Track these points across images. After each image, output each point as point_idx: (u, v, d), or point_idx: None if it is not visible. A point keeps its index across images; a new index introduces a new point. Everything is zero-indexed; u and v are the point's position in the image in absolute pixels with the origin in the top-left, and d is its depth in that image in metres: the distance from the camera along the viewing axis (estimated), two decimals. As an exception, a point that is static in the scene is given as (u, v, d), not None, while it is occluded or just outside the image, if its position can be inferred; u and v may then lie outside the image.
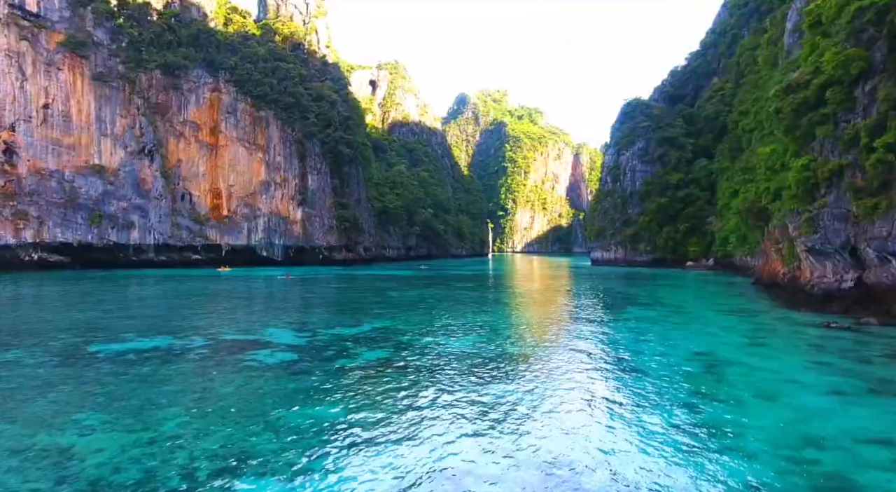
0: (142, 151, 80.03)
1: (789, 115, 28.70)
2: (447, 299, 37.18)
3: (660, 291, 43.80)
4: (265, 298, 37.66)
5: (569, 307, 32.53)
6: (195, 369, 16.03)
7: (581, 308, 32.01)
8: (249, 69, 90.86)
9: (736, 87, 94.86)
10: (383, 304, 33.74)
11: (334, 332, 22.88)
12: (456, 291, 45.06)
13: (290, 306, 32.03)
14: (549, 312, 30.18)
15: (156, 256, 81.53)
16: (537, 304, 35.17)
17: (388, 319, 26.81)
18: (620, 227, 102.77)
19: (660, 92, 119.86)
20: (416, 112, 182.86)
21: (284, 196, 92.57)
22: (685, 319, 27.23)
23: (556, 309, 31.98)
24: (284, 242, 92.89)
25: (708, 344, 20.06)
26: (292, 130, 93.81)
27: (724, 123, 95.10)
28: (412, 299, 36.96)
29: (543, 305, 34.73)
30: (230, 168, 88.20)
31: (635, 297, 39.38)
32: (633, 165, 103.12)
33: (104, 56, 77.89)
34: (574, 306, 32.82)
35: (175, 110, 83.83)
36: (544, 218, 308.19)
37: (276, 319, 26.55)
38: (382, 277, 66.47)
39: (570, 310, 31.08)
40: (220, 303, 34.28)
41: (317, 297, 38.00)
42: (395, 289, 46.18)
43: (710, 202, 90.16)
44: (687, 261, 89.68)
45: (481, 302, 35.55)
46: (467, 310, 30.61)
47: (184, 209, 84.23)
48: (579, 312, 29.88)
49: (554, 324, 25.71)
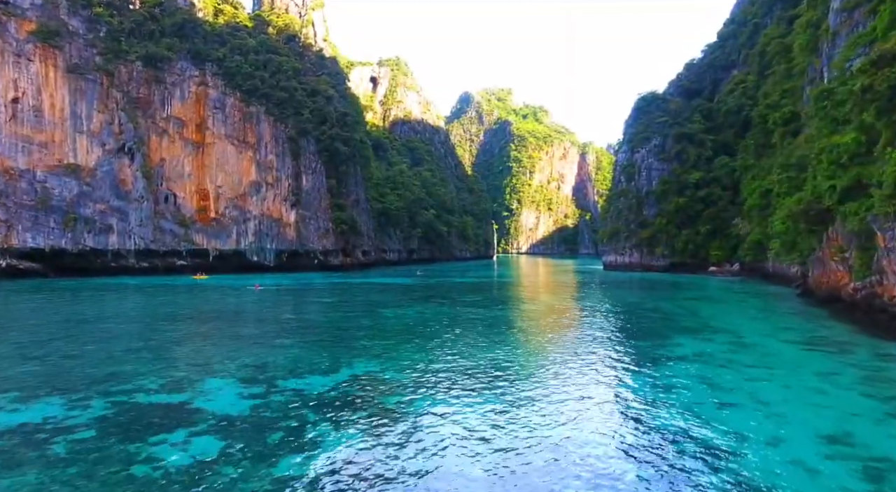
0: (121, 149, 74.12)
1: (885, 92, 22.41)
2: (449, 322, 31.04)
3: (698, 308, 37.52)
4: (228, 321, 31.52)
5: (600, 337, 26.33)
6: (44, 479, 9.92)
7: (616, 340, 25.84)
8: (239, 62, 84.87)
9: (759, 78, 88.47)
10: (372, 330, 27.62)
11: (297, 385, 16.75)
12: (459, 307, 38.90)
13: (254, 335, 25.91)
14: (576, 347, 23.94)
15: (137, 263, 75.60)
16: (557, 330, 28.94)
17: (375, 358, 20.69)
18: (635, 229, 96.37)
19: (675, 86, 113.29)
20: (418, 110, 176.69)
21: (276, 197, 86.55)
22: (757, 358, 20.99)
23: (583, 340, 25.76)
24: (277, 246, 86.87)
25: (830, 417, 13.82)
26: (285, 127, 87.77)
27: (746, 117, 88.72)
28: (408, 322, 30.82)
29: (565, 331, 28.50)
30: (218, 167, 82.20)
31: (674, 317, 33.12)
32: (649, 163, 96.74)
33: (80, 46, 72.02)
34: (606, 337, 26.60)
35: (157, 105, 77.85)
36: (550, 219, 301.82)
37: (227, 358, 20.44)
38: (378, 286, 60.37)
39: (604, 343, 24.87)
40: (170, 328, 28.22)
41: (293, 319, 31.86)
42: (389, 304, 40.07)
43: (734, 202, 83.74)
44: (708, 266, 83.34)
45: (488, 327, 29.38)
46: (472, 341, 24.47)
47: (167, 212, 78.29)
48: (618, 348, 23.69)
49: (589, 370, 19.48)
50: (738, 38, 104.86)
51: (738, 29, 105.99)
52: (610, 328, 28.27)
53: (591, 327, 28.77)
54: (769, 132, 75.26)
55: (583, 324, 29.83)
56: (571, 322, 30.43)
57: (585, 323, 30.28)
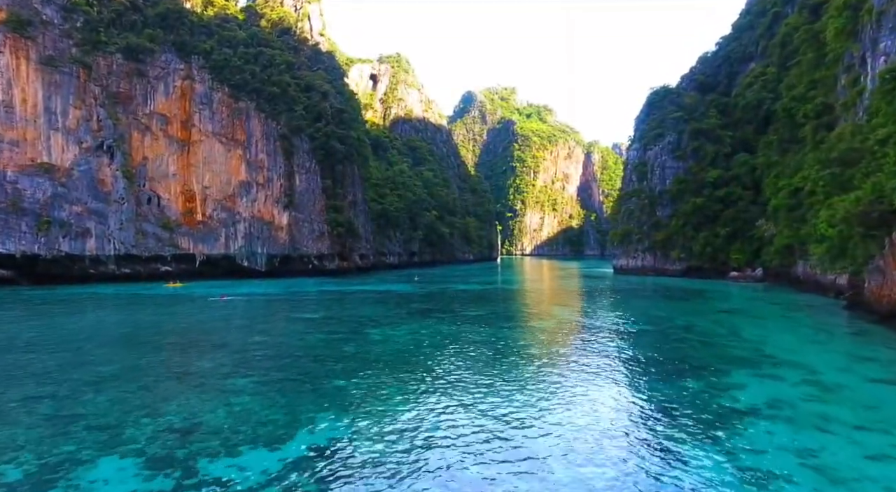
0: (100, 147, 69.26)
1: None
2: (447, 348, 25.92)
3: (739, 325, 32.24)
4: (177, 349, 26.26)
5: (637, 375, 21.20)
6: None
7: (658, 379, 20.68)
8: (228, 55, 79.96)
9: (780, 70, 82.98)
10: (353, 362, 22.50)
11: (225, 472, 11.64)
12: (459, 324, 33.78)
13: (199, 373, 20.72)
14: (608, 393, 18.79)
15: (117, 269, 70.71)
16: (577, 362, 23.73)
17: (347, 414, 15.59)
18: (648, 231, 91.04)
19: (688, 80, 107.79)
20: (419, 108, 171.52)
21: (268, 198, 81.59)
22: (858, 412, 15.81)
23: (615, 380, 20.58)
24: (268, 250, 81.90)
25: None
26: (277, 124, 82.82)
27: (767, 111, 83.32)
28: (398, 348, 25.69)
29: (589, 365, 23.29)
30: (205, 167, 77.29)
31: (715, 339, 27.89)
32: (663, 161, 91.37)
33: (54, 37, 67.17)
34: (644, 375, 21.44)
35: (139, 101, 72.97)
36: (554, 219, 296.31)
37: (146, 416, 15.31)
38: (373, 295, 55.25)
39: (645, 386, 19.74)
40: (98, 359, 23.12)
41: (259, 345, 26.60)
42: (381, 321, 34.96)
43: (755, 202, 78.33)
44: (728, 270, 77.89)
45: (494, 358, 24.23)
46: (474, 381, 19.36)
47: (150, 214, 73.40)
48: (665, 393, 18.52)
49: (635, 439, 14.32)
50: (755, 28, 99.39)
51: (755, 19, 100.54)
52: (645, 361, 23.07)
53: (620, 359, 23.59)
54: (795, 126, 70.05)
55: (609, 354, 24.64)
56: (594, 350, 25.24)
57: (612, 352, 25.10)
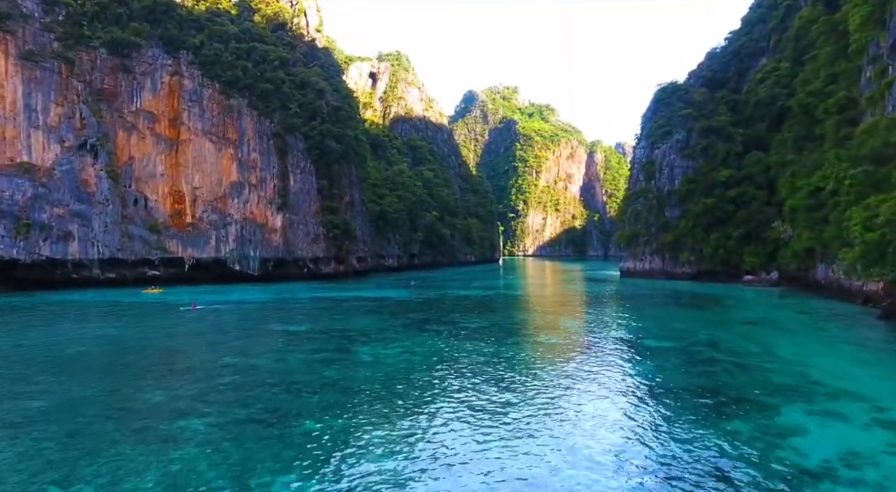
0: (83, 146, 66.12)
1: None
2: (445, 371, 22.63)
3: (770, 340, 28.83)
4: (131, 373, 22.76)
5: (667, 408, 17.91)
6: None
7: (692, 411, 17.39)
8: (218, 50, 76.75)
9: (794, 65, 79.49)
10: (333, 393, 19.18)
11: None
12: (458, 340, 30.49)
13: (149, 406, 17.47)
14: (632, 432, 15.50)
15: (102, 274, 67.59)
16: (593, 392, 20.39)
17: (316, 472, 12.27)
18: (656, 232, 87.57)
19: (696, 77, 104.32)
20: (419, 106, 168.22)
21: (261, 199, 78.35)
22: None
23: (639, 413, 17.31)
24: (261, 253, 78.65)
25: None
26: (270, 122, 79.60)
27: (781, 108, 79.77)
28: (388, 372, 22.36)
29: (606, 396, 19.99)
30: (194, 167, 74.10)
31: (748, 360, 24.51)
32: (671, 160, 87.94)
33: (35, 31, 64.09)
34: (675, 408, 18.14)
35: (125, 97, 69.84)
36: (557, 220, 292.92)
37: (66, 474, 12.09)
38: (368, 302, 51.94)
39: (679, 425, 16.43)
40: (43, 387, 19.89)
41: (229, 368, 23.15)
42: (372, 335, 31.64)
43: (769, 203, 74.89)
44: (740, 274, 74.39)
45: (497, 383, 20.95)
46: (476, 420, 16.02)
47: (137, 216, 70.23)
48: (707, 437, 15.19)
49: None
50: (766, 22, 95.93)
51: (766, 13, 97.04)
52: (677, 391, 19.70)
53: (647, 390, 20.22)
54: (812, 123, 66.77)
55: (632, 383, 21.28)
56: (613, 377, 21.87)
57: (635, 380, 21.74)
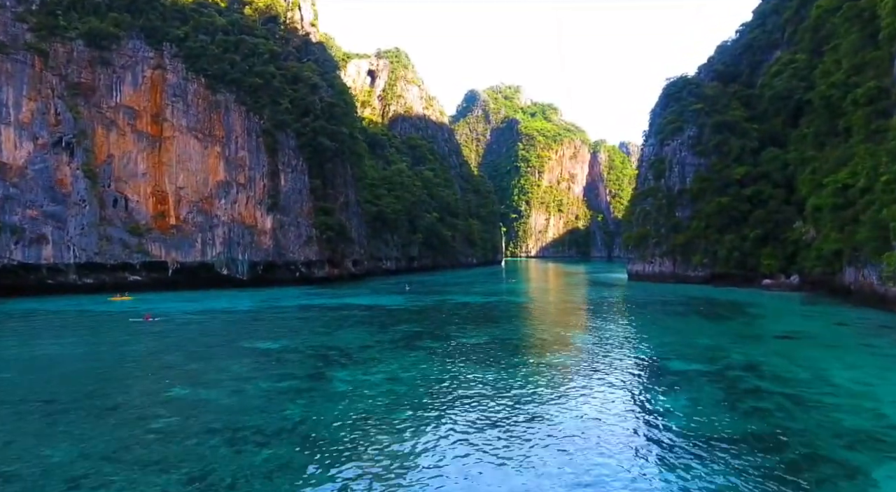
0: (58, 143, 62.21)
1: None
2: (435, 407, 18.50)
3: (817, 361, 24.59)
4: (47, 413, 18.83)
5: (720, 464, 13.73)
6: None
7: (761, 486, 13.15)
8: (204, 42, 72.76)
9: (812, 57, 75.22)
10: (287, 444, 15.03)
11: None
12: (453, 360, 26.38)
13: (36, 473, 13.43)
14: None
15: (79, 279, 63.59)
16: (617, 431, 16.30)
17: None
18: (666, 233, 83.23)
19: (707, 71, 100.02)
20: (419, 105, 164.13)
21: (249, 200, 74.32)
22: None
23: (683, 474, 13.11)
24: (250, 256, 74.58)
25: None
26: (259, 119, 75.58)
27: (799, 102, 75.49)
28: (366, 408, 18.20)
29: (632, 439, 15.91)
30: (179, 165, 70.12)
31: (799, 386, 20.28)
32: (682, 157, 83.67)
33: (6, 21, 60.21)
34: (726, 462, 13.96)
35: (104, 92, 65.90)
36: (560, 220, 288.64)
37: None
38: (358, 310, 47.77)
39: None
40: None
41: (163, 404, 18.91)
42: (353, 355, 27.47)
43: (788, 202, 70.58)
44: (757, 277, 70.05)
45: (497, 422, 16.82)
46: (469, 476, 11.85)
47: (116, 218, 66.25)
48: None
49: None
50: (780, 13, 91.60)
51: (780, 3, 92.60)
52: (717, 437, 15.51)
53: (685, 436, 16.02)
54: (834, 116, 62.64)
55: (665, 425, 17.11)
56: (641, 418, 17.70)
57: (668, 420, 17.55)
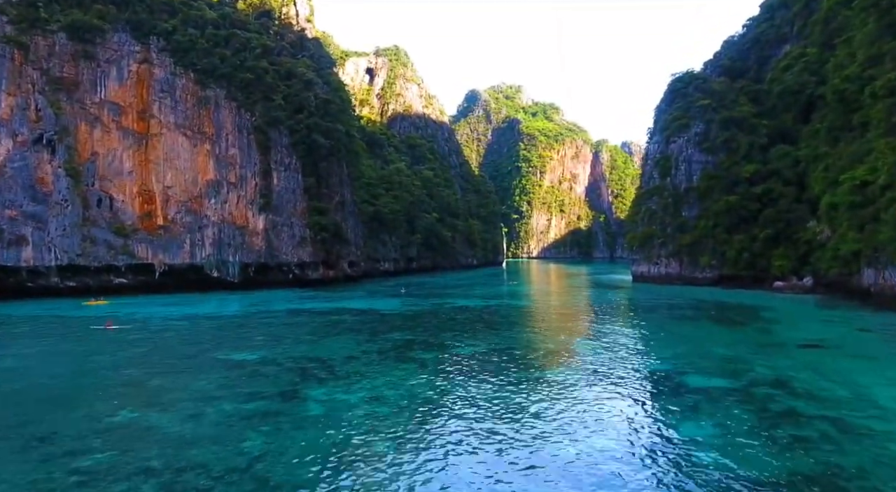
0: (38, 140, 59.70)
1: None
2: (421, 430, 15.76)
3: (857, 379, 21.76)
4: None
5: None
6: None
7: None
8: (193, 36, 70.22)
9: (824, 50, 72.45)
10: (237, 489, 12.34)
11: None
12: (446, 373, 23.73)
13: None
14: None
15: (61, 282, 61.06)
16: (638, 458, 13.58)
17: None
18: (672, 233, 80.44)
19: (713, 66, 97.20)
20: (419, 103, 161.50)
21: (240, 199, 71.72)
22: None
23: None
24: (241, 258, 71.96)
25: None
26: (251, 116, 73.02)
27: (810, 97, 72.78)
28: (338, 440, 15.49)
29: (660, 465, 13.15)
30: (166, 164, 67.57)
31: (841, 408, 17.52)
32: (689, 155, 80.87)
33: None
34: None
35: (87, 87, 63.40)
36: (562, 221, 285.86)
37: None
38: (349, 315, 45.03)
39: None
40: None
41: (108, 429, 16.26)
42: (335, 367, 24.75)
43: (800, 200, 67.80)
44: (768, 279, 67.18)
45: (492, 456, 14.10)
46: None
47: (101, 218, 63.70)
48: None
49: None
50: (789, 7, 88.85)
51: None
52: (757, 478, 12.77)
53: (714, 475, 13.30)
54: (850, 111, 59.90)
55: (686, 458, 14.38)
56: (657, 448, 15.00)
57: (693, 454, 14.83)
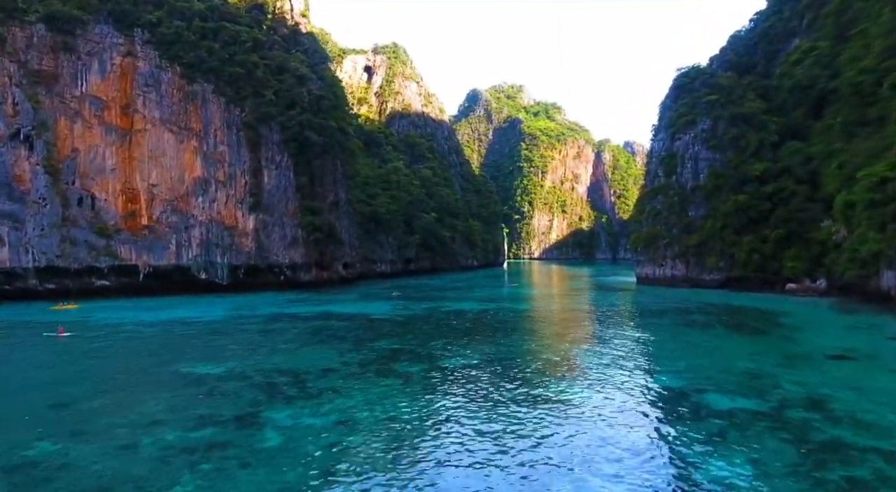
0: (15, 135, 57.08)
1: None
2: (394, 467, 12.91)
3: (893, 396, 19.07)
4: None
5: None
6: None
7: None
8: (179, 28, 67.52)
9: (836, 44, 69.63)
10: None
11: None
12: (432, 390, 20.92)
13: None
14: None
15: (40, 284, 58.41)
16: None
17: None
18: (678, 234, 77.48)
19: (720, 61, 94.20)
20: (418, 101, 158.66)
21: (229, 198, 69.00)
22: None
23: None
24: (230, 259, 69.24)
25: None
26: (240, 111, 70.30)
27: (822, 91, 69.84)
28: (291, 481, 12.72)
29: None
30: (151, 161, 64.89)
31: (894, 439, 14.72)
32: (695, 152, 77.92)
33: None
34: None
35: (68, 81, 60.75)
36: (564, 221, 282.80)
37: None
38: (336, 320, 42.21)
39: None
40: None
41: (17, 467, 13.90)
42: (307, 382, 21.95)
43: (813, 199, 64.84)
44: (779, 281, 64.21)
45: (483, 481, 11.20)
46: None
47: (82, 218, 61.02)
48: None
49: None
50: (798, 0, 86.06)
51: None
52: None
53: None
54: (866, 105, 57.15)
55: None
56: (682, 488, 12.16)
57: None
